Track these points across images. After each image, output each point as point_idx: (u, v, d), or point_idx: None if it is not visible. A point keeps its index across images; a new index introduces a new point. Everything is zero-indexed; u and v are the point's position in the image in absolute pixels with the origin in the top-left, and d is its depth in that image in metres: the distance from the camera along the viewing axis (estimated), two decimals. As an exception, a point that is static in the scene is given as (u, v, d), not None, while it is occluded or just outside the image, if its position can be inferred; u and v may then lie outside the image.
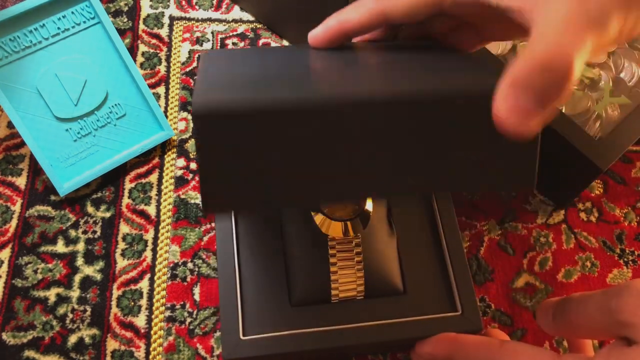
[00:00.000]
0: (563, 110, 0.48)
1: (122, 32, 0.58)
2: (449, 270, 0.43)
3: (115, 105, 0.52)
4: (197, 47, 0.59)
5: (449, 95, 0.27)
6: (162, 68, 0.57)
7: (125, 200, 0.51)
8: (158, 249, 0.49)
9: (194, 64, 0.58)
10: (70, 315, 0.47)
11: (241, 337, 0.39)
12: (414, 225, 0.45)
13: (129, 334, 0.46)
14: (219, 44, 0.59)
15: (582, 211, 0.53)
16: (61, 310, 0.47)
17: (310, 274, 0.42)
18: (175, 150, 0.53)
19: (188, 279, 0.48)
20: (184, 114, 0.55)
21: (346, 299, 0.42)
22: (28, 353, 0.45)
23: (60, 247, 0.49)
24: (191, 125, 0.54)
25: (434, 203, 0.45)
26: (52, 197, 0.51)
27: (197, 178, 0.52)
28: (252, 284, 0.42)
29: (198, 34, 0.60)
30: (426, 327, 0.41)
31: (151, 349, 0.46)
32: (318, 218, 0.42)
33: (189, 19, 0.60)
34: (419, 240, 0.44)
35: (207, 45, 0.59)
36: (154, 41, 0.58)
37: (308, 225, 0.42)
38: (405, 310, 0.42)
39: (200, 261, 0.49)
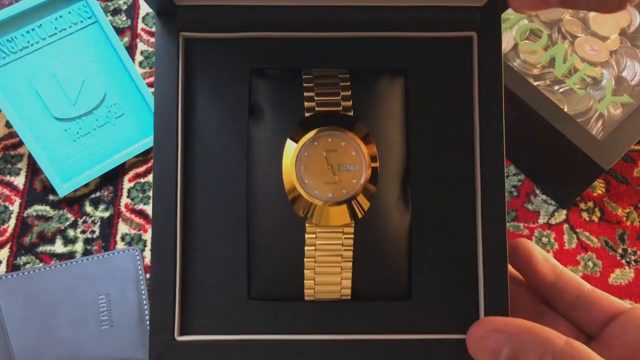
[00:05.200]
0: (565, 110, 0.47)
1: (120, 31, 0.58)
2: (479, 275, 0.30)
3: (114, 104, 0.52)
4: (196, 45, 0.58)
5: None
6: (161, 67, 0.57)
7: (124, 200, 0.51)
8: (157, 249, 0.49)
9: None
10: (69, 316, 0.47)
11: (176, 337, 0.29)
12: (445, 211, 0.31)
13: (127, 335, 0.46)
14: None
15: (584, 211, 0.52)
16: (60, 310, 0.47)
17: (278, 260, 0.30)
18: (174, 149, 0.53)
19: (187, 280, 0.48)
20: (183, 113, 0.55)
21: (326, 300, 0.30)
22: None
23: (59, 247, 0.49)
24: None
25: (477, 188, 0.30)
26: (51, 197, 0.51)
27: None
28: (199, 262, 0.30)
29: (197, 32, 0.59)
30: (431, 350, 0.29)
31: None
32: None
33: (188, 17, 0.60)
34: (447, 232, 0.30)
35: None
36: (153, 40, 0.58)
37: (283, 196, 0.30)
38: (405, 323, 0.30)
39: (199, 261, 0.49)
